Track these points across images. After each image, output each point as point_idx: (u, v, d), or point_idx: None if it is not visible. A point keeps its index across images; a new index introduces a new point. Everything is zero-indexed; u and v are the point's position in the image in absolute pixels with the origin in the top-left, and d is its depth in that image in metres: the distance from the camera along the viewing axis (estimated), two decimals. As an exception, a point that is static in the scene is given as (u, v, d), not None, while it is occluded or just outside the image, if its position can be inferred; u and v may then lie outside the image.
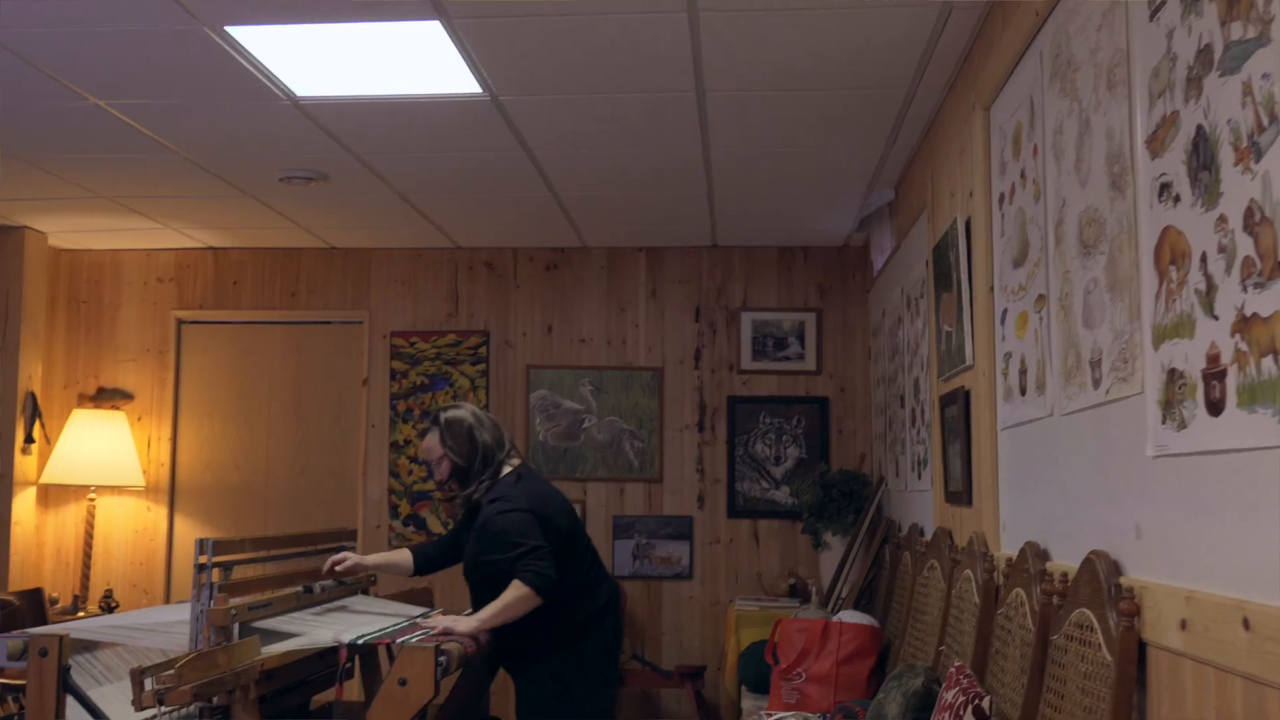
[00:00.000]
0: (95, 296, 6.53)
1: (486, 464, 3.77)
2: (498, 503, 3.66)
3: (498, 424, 3.88)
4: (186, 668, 2.96)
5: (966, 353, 3.52)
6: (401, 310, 6.41)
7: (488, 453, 3.77)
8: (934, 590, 3.77)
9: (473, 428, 3.78)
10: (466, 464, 3.77)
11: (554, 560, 3.57)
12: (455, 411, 3.84)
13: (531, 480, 3.81)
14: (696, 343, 6.29)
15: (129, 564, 6.34)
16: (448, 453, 3.78)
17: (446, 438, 3.78)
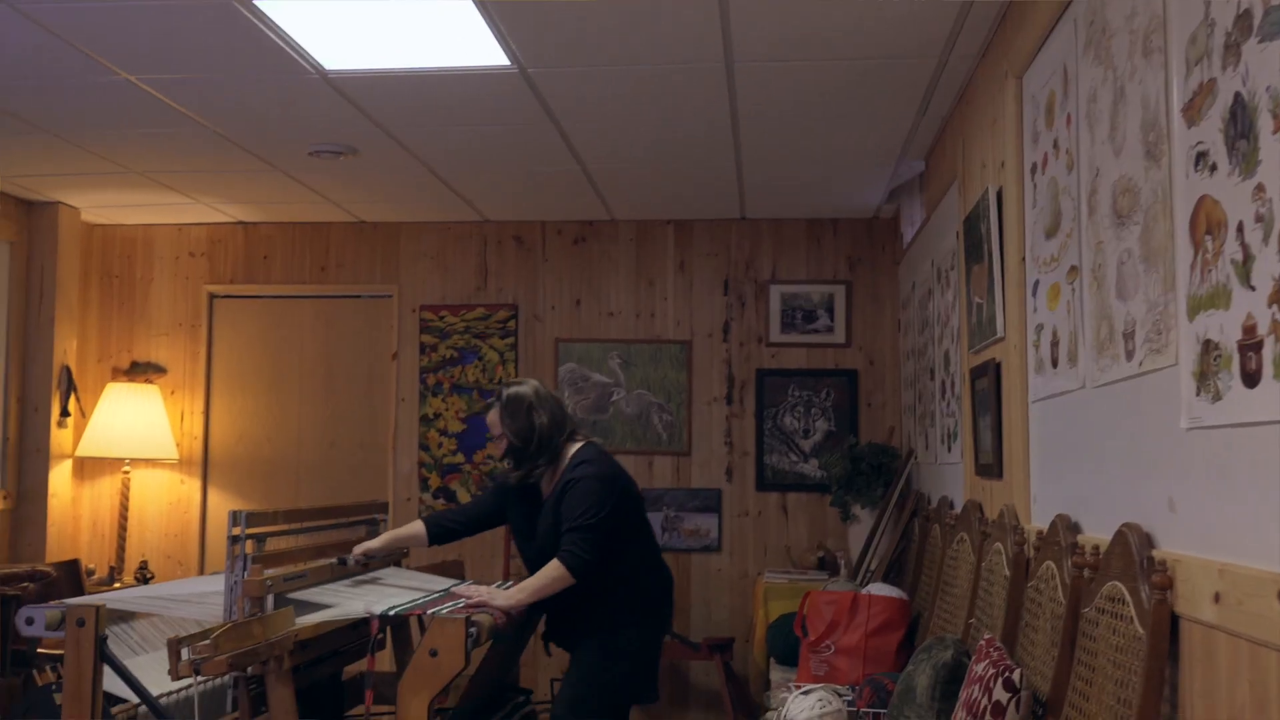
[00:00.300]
0: (128, 271, 6.58)
1: (543, 447, 3.76)
2: (582, 466, 3.70)
3: (561, 405, 3.86)
4: (222, 638, 3.00)
5: (997, 325, 3.50)
6: (430, 284, 6.42)
7: (544, 435, 3.76)
8: (963, 563, 3.76)
9: (532, 406, 3.77)
10: (522, 444, 3.77)
11: (599, 542, 3.58)
12: (517, 389, 3.83)
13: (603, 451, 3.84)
14: (725, 315, 6.28)
15: (163, 536, 6.42)
16: (505, 431, 3.79)
17: (505, 415, 3.79)
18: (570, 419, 3.89)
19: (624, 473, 3.85)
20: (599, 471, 3.69)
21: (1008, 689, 2.49)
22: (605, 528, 3.62)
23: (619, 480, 3.75)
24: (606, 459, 3.80)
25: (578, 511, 3.61)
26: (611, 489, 3.67)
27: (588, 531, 3.59)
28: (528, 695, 4.37)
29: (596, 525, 3.60)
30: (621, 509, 3.71)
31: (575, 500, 3.63)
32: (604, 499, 3.64)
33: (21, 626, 3.42)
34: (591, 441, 3.86)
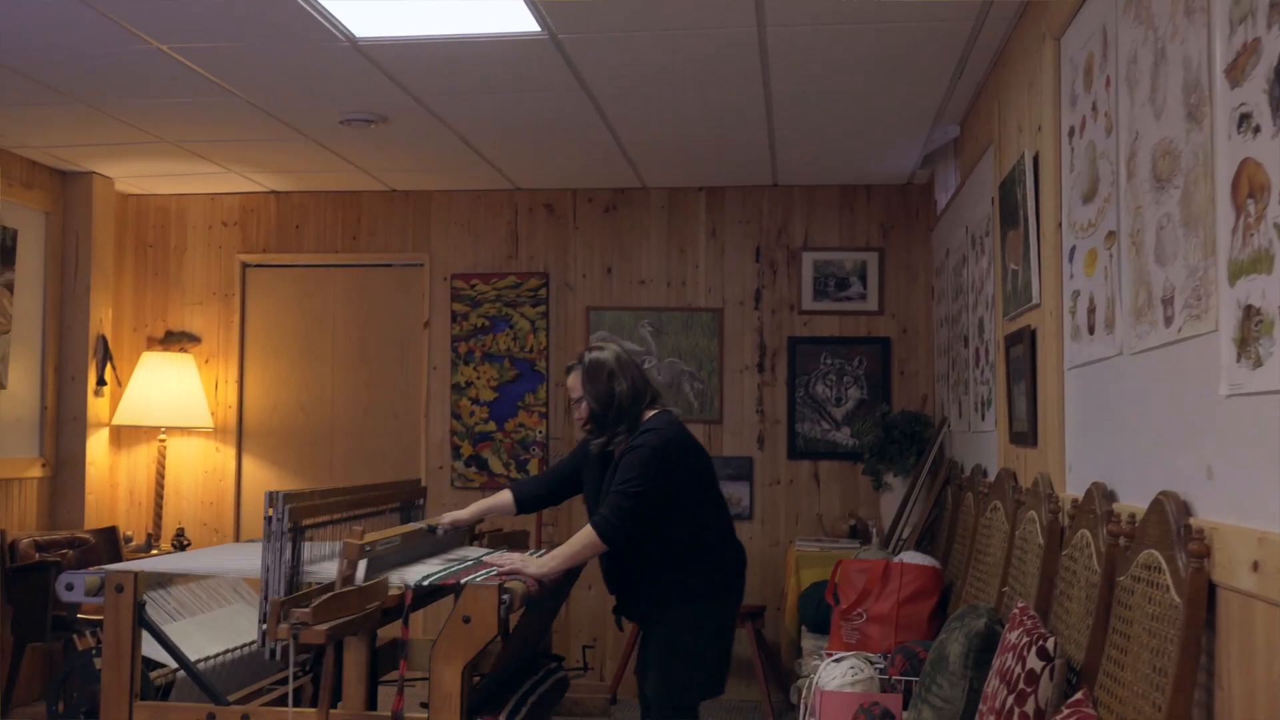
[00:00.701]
0: (162, 241, 6.62)
1: (622, 414, 3.72)
2: (647, 434, 3.66)
3: (642, 372, 3.82)
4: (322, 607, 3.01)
5: (1033, 291, 3.46)
6: (461, 252, 6.43)
7: (623, 402, 3.71)
8: (997, 531, 3.74)
9: (613, 374, 3.72)
10: (603, 410, 3.73)
11: (637, 511, 3.54)
12: (599, 354, 3.78)
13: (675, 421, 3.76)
14: (757, 283, 6.25)
15: (199, 503, 6.49)
16: (586, 396, 3.76)
17: (585, 380, 3.76)
18: (651, 387, 3.82)
19: (692, 446, 3.75)
20: (658, 441, 3.62)
21: (1041, 657, 2.47)
22: (649, 498, 3.57)
23: (680, 452, 3.66)
24: (673, 430, 3.70)
25: (623, 478, 3.58)
26: (665, 460, 3.60)
27: (627, 499, 3.55)
28: (560, 662, 4.39)
29: (638, 494, 3.56)
30: (685, 483, 3.65)
31: (625, 466, 3.60)
32: (654, 469, 3.58)
33: (62, 592, 3.47)
34: (666, 410, 3.78)
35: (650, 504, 3.58)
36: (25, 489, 5.82)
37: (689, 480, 3.68)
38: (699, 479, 3.73)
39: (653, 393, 3.82)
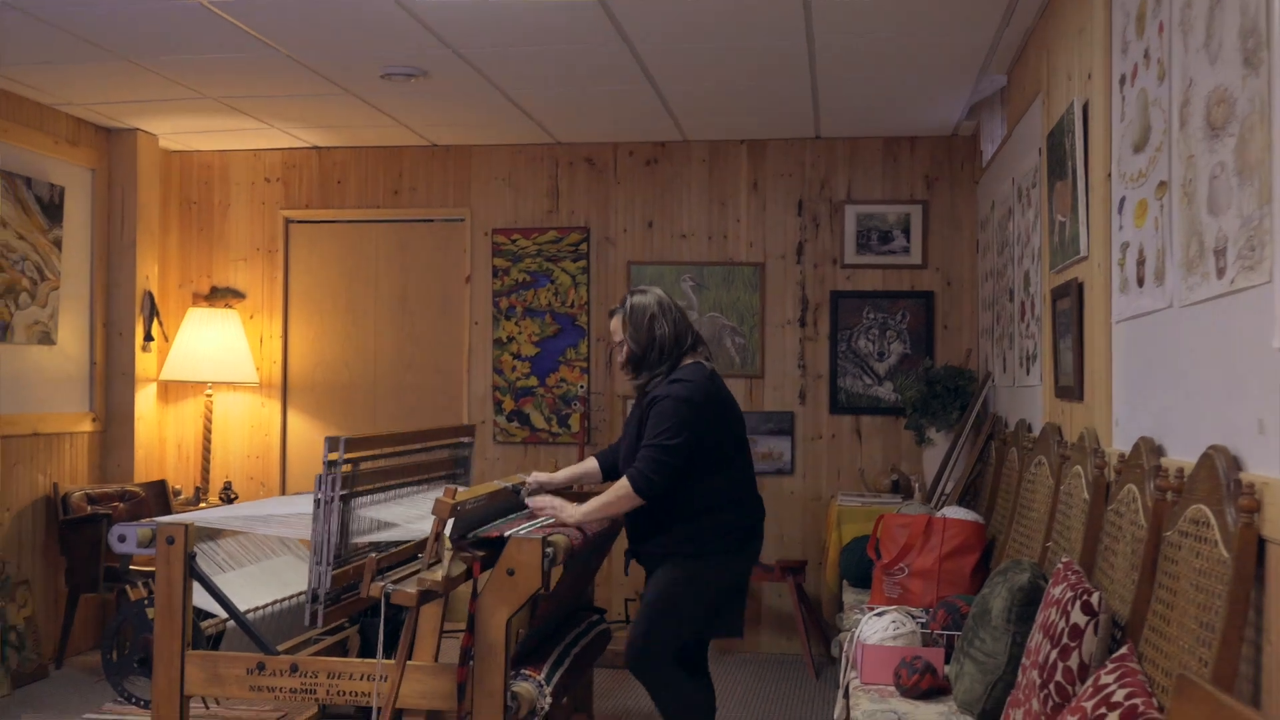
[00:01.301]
0: (205, 197, 6.67)
1: (663, 356, 3.73)
2: (675, 385, 3.66)
3: (684, 318, 3.82)
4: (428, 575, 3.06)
5: (1081, 243, 3.41)
6: (502, 207, 6.42)
7: (664, 345, 3.73)
8: (1041, 487, 3.71)
9: (654, 317, 3.74)
10: (642, 352, 3.75)
11: (672, 465, 3.56)
12: (641, 298, 3.79)
13: (707, 376, 3.73)
14: (799, 237, 6.20)
15: (246, 458, 6.57)
16: (627, 339, 3.78)
17: (628, 323, 3.78)
18: (692, 333, 3.81)
19: (723, 400, 3.74)
20: (688, 393, 3.62)
21: (1086, 612, 2.46)
22: (683, 450, 3.57)
23: (709, 405, 3.65)
24: (704, 382, 3.69)
25: (654, 431, 3.60)
26: (696, 413, 3.60)
27: (660, 451, 3.56)
28: (601, 614, 4.42)
29: (670, 448, 3.57)
30: (711, 436, 3.64)
31: (656, 418, 3.61)
32: (685, 421, 3.58)
33: (114, 544, 3.53)
34: (699, 362, 3.76)
35: (683, 456, 3.59)
36: (76, 443, 5.92)
37: (716, 433, 3.68)
38: (726, 433, 3.71)
39: (694, 339, 3.81)
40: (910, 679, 3.13)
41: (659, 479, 3.57)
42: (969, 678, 2.97)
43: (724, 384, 3.85)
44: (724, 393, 3.78)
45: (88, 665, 5.59)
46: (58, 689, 5.24)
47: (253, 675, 3.42)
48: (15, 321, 5.48)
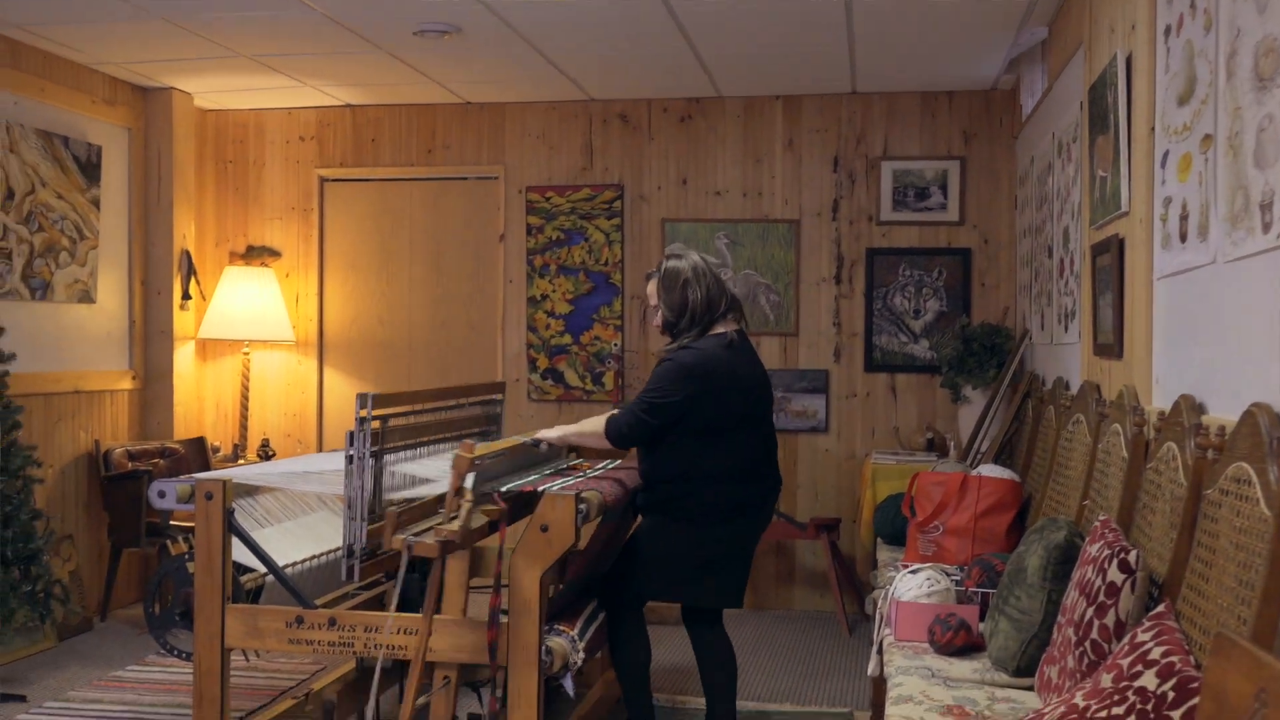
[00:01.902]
0: (241, 156, 6.69)
1: (694, 322, 3.72)
2: (685, 351, 3.68)
3: (719, 281, 3.78)
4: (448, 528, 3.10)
5: (1122, 198, 3.35)
6: (536, 165, 6.40)
7: (696, 310, 3.71)
8: (1079, 445, 3.68)
9: (688, 281, 3.72)
10: (675, 318, 3.74)
11: (649, 423, 3.60)
12: (676, 262, 3.78)
13: (724, 345, 3.70)
14: (834, 193, 6.15)
15: (283, 415, 6.63)
16: (661, 303, 3.78)
17: (661, 287, 3.77)
18: (727, 299, 3.77)
19: (733, 375, 3.67)
20: (692, 360, 3.62)
21: (1123, 570, 2.44)
22: (667, 411, 3.59)
23: (711, 379, 3.61)
24: (715, 353, 3.65)
25: (649, 386, 3.67)
26: (694, 382, 3.59)
27: (643, 407, 3.62)
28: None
29: (656, 406, 3.60)
30: (709, 408, 3.62)
31: (655, 376, 3.69)
32: (675, 384, 3.59)
33: (154, 499, 3.57)
34: (725, 333, 3.73)
35: (667, 417, 3.61)
36: (117, 400, 5.99)
37: (714, 406, 3.64)
38: (726, 408, 3.66)
39: (728, 304, 3.78)
40: (944, 636, 3.13)
41: (630, 433, 3.65)
42: (1003, 635, 2.97)
43: (749, 357, 3.79)
44: (738, 369, 3.71)
45: (131, 618, 5.69)
46: (102, 641, 5.34)
47: (291, 629, 3.47)
48: (55, 280, 5.53)
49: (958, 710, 2.65)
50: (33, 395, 5.26)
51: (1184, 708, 1.86)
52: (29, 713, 4.31)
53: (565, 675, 3.47)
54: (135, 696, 4.52)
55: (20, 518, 4.40)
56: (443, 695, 3.41)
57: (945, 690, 2.81)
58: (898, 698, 2.75)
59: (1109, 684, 2.04)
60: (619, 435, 3.67)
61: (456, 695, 3.44)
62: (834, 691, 4.72)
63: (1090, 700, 2.05)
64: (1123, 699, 1.97)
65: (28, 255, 5.35)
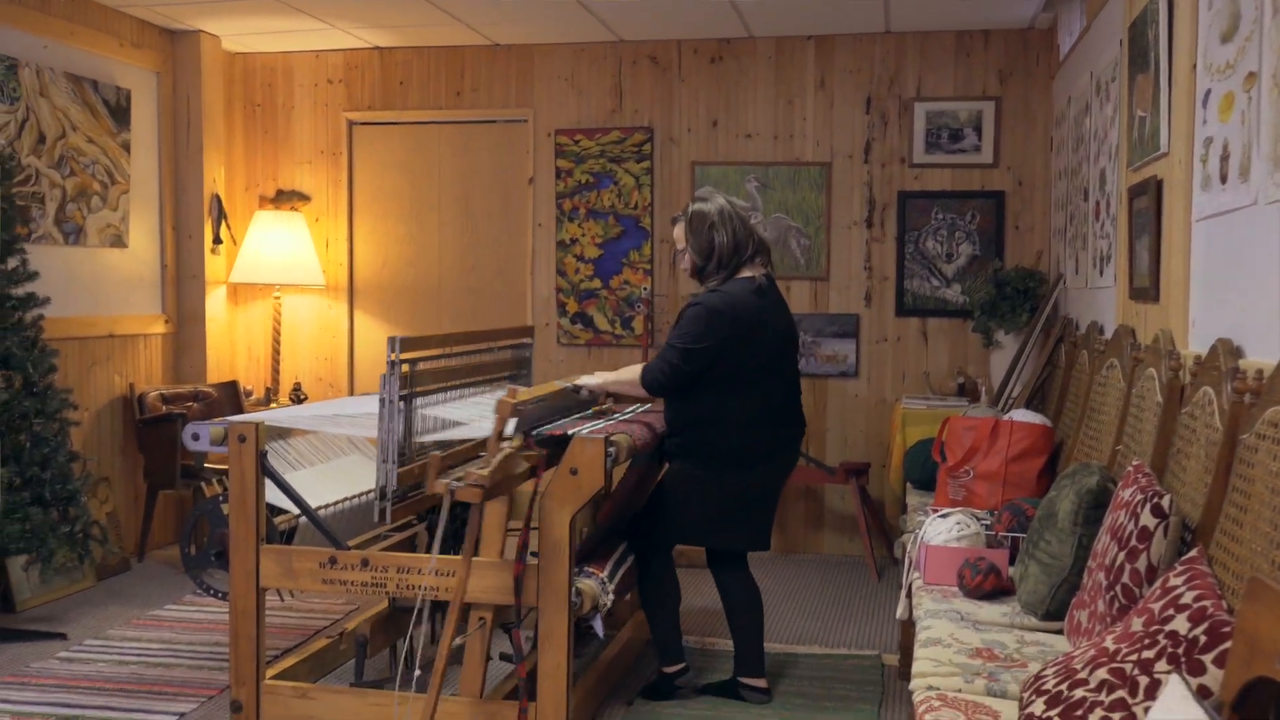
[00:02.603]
0: (269, 99, 6.67)
1: (721, 265, 3.72)
2: (712, 294, 3.68)
3: (745, 223, 3.76)
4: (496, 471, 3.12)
5: (1161, 139, 3.29)
6: (565, 107, 6.35)
7: (723, 253, 3.71)
8: (1112, 390, 3.65)
9: (714, 224, 3.72)
10: (703, 261, 3.75)
11: (681, 368, 3.60)
12: (702, 205, 3.77)
13: (752, 290, 3.69)
14: (867, 135, 6.07)
15: (314, 359, 6.67)
16: (689, 247, 3.77)
17: (689, 232, 3.76)
18: (754, 242, 3.76)
19: (759, 321, 3.67)
20: (720, 304, 3.62)
21: (1156, 515, 2.43)
22: (699, 357, 3.60)
23: (738, 324, 3.61)
24: (742, 297, 3.65)
25: (679, 332, 3.66)
26: (724, 326, 3.59)
27: (675, 354, 3.63)
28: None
29: (687, 351, 3.60)
30: (735, 353, 3.62)
31: (683, 321, 3.67)
32: (708, 329, 3.59)
33: (188, 442, 3.61)
34: (752, 278, 3.72)
35: (699, 362, 3.62)
36: (150, 344, 6.04)
37: (740, 352, 3.64)
38: (751, 354, 3.66)
39: (755, 247, 3.76)
40: (974, 580, 3.13)
41: (667, 380, 3.65)
42: (1033, 579, 2.96)
43: (775, 301, 3.78)
44: (765, 313, 3.71)
45: (167, 559, 5.78)
46: (139, 581, 5.43)
47: (325, 569, 3.51)
48: (88, 225, 5.56)
49: (986, 653, 2.66)
50: (68, 339, 5.31)
51: (1215, 651, 1.85)
52: (70, 650, 4.40)
53: (595, 616, 3.50)
54: (173, 635, 4.60)
55: (58, 460, 4.46)
56: (479, 636, 3.45)
57: (974, 633, 2.82)
58: (926, 640, 2.76)
59: (1139, 628, 2.03)
60: (656, 384, 3.68)
61: (491, 636, 3.49)
62: (862, 635, 4.74)
63: (1121, 644, 2.05)
64: (1153, 643, 1.96)
65: (60, 200, 5.38)
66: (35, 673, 4.13)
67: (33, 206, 5.19)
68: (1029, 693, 2.16)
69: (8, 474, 4.33)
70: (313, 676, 3.87)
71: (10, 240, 4.42)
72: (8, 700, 3.84)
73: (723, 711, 3.76)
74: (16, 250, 4.46)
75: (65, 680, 4.05)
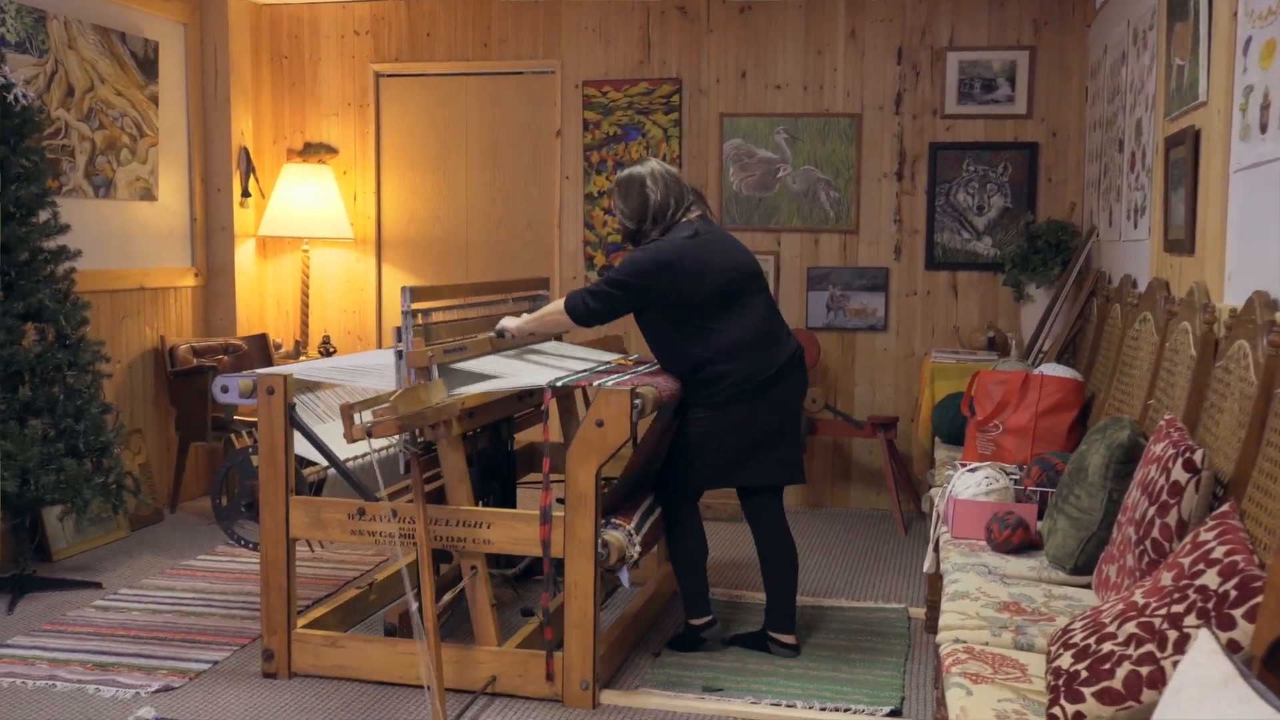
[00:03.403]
0: (296, 51, 6.65)
1: (656, 222, 3.77)
2: (653, 243, 3.73)
3: (678, 180, 3.80)
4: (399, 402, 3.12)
5: (1200, 88, 3.22)
6: (593, 59, 6.29)
7: (658, 212, 3.76)
8: (1145, 343, 3.61)
9: (645, 185, 3.76)
10: (636, 224, 3.80)
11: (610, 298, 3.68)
12: (631, 170, 3.84)
13: (689, 235, 3.71)
14: (898, 86, 5.99)
15: (342, 312, 6.69)
16: (618, 214, 3.84)
17: (618, 196, 3.83)
18: (691, 194, 3.82)
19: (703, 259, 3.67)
20: (655, 251, 3.67)
21: (1188, 469, 2.40)
22: (629, 294, 3.67)
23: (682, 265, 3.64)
24: (680, 242, 3.68)
25: (615, 269, 3.73)
26: (665, 268, 3.63)
27: (608, 283, 3.69)
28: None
29: (617, 283, 3.67)
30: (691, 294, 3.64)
31: (621, 263, 3.74)
32: (644, 271, 3.64)
33: (217, 394, 3.64)
34: (688, 221, 3.76)
35: (628, 298, 3.69)
36: (180, 297, 6.07)
37: (695, 291, 3.66)
38: (708, 290, 3.68)
39: (692, 200, 3.82)
40: (1002, 534, 3.11)
41: (595, 305, 3.71)
42: (1062, 533, 2.95)
43: (716, 238, 3.79)
44: (707, 250, 3.72)
45: (199, 510, 5.85)
46: (172, 532, 5.50)
47: (354, 520, 3.54)
48: (117, 178, 5.58)
49: (1014, 606, 2.65)
50: (99, 292, 5.34)
51: (1246, 606, 1.83)
52: (105, 599, 4.46)
53: (622, 568, 3.52)
54: (205, 585, 4.66)
55: (91, 412, 4.50)
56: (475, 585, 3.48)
57: (1001, 587, 2.81)
58: (954, 594, 2.75)
59: (1169, 582, 2.02)
60: (583, 307, 3.73)
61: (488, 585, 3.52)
62: (889, 588, 4.74)
63: (1150, 598, 2.04)
64: (1183, 597, 1.95)
65: (89, 153, 5.39)
66: (72, 621, 4.20)
67: (63, 160, 5.21)
68: (1056, 646, 2.15)
69: (42, 426, 4.38)
70: (343, 626, 3.92)
71: (41, 193, 4.44)
72: (46, 647, 3.91)
73: (749, 663, 3.78)
74: (47, 203, 4.47)
75: (101, 628, 4.12)
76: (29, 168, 4.39)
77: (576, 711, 3.41)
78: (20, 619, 4.21)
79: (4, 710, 3.39)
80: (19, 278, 4.34)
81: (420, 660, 3.44)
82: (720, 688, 3.57)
